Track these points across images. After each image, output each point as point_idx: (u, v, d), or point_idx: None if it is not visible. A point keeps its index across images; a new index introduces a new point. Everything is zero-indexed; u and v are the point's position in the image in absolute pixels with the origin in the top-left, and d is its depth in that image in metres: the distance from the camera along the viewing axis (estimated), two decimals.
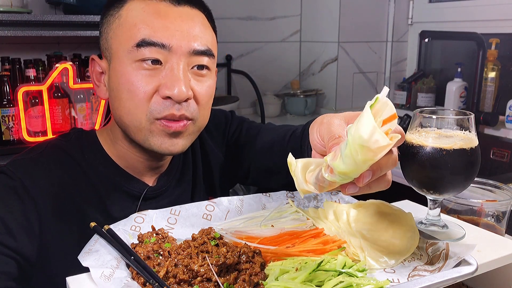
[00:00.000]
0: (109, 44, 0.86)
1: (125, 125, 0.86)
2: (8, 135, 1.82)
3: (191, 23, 0.85)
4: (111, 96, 0.88)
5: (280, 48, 2.83)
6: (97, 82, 0.91)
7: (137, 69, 0.82)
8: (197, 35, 0.84)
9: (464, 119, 0.73)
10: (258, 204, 0.86)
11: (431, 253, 0.69)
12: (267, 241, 0.73)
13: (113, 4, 0.87)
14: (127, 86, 0.82)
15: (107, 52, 0.87)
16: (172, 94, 0.80)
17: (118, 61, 0.84)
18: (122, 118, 0.85)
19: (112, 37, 0.85)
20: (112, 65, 0.86)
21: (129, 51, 0.82)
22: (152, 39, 0.81)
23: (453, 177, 0.72)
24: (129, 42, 0.82)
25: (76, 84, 1.90)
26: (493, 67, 2.19)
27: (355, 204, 0.83)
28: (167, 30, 0.82)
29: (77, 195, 0.86)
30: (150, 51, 0.81)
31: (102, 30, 0.89)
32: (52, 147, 0.90)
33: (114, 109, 0.88)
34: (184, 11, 0.85)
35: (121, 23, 0.84)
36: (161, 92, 0.81)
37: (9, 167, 0.85)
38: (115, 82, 0.85)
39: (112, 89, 0.87)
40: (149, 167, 0.94)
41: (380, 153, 0.52)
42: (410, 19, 2.74)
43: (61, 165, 0.87)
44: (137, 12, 0.83)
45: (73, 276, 0.64)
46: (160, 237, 0.72)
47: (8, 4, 1.80)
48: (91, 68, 0.91)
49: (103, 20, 0.89)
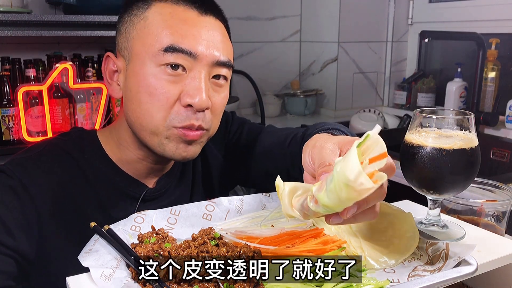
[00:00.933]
0: (130, 44, 0.85)
1: (140, 127, 0.85)
2: (8, 135, 1.82)
3: (215, 33, 0.85)
4: (127, 96, 0.86)
5: (280, 48, 2.83)
6: (109, 79, 0.90)
7: (161, 74, 0.81)
8: (220, 46, 0.85)
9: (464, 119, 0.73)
10: (258, 204, 0.86)
11: (431, 253, 0.69)
12: (267, 241, 0.73)
13: (136, 3, 0.86)
14: (148, 89, 0.82)
15: (126, 52, 0.86)
16: (194, 102, 0.80)
17: (140, 63, 0.83)
18: (139, 120, 0.84)
19: (135, 37, 0.84)
20: (131, 66, 0.85)
21: (154, 54, 0.81)
22: (181, 46, 0.81)
23: (453, 177, 0.72)
24: (154, 45, 0.81)
25: (76, 84, 1.90)
26: (493, 67, 2.19)
27: None
28: (194, 39, 0.82)
29: (76, 195, 0.86)
30: (177, 57, 0.81)
31: (123, 28, 0.87)
32: (52, 145, 0.90)
33: (129, 110, 0.86)
34: (209, 21, 0.86)
35: (147, 25, 0.83)
36: (183, 100, 0.81)
37: (8, 166, 0.84)
38: (134, 83, 0.84)
39: (129, 90, 0.85)
40: (152, 170, 0.94)
41: (365, 194, 0.51)
42: (410, 19, 2.74)
43: (60, 164, 0.87)
44: (165, 16, 0.83)
45: (73, 276, 0.64)
46: (160, 237, 0.72)
47: (8, 4, 1.80)
48: (105, 65, 0.90)
49: (124, 18, 0.87)
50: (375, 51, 2.77)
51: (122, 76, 0.87)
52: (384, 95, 2.85)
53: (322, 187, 0.54)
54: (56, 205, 0.83)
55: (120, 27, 0.88)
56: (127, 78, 0.86)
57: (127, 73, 0.86)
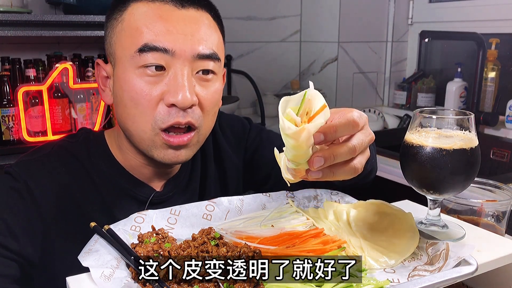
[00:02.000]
0: (113, 49, 0.84)
1: (129, 133, 0.84)
2: (8, 135, 1.82)
3: (195, 26, 0.81)
4: (115, 102, 0.86)
5: (280, 48, 2.83)
6: (102, 86, 0.89)
7: (140, 76, 0.80)
8: (202, 38, 0.81)
9: (464, 119, 0.73)
10: (258, 204, 0.86)
11: (431, 253, 0.69)
12: (267, 241, 0.73)
13: (117, 7, 0.85)
14: (130, 93, 0.80)
15: (111, 57, 0.86)
16: (176, 101, 0.78)
17: (122, 67, 0.82)
18: (127, 125, 0.84)
19: (116, 41, 0.83)
20: (115, 71, 0.84)
21: (132, 56, 0.80)
22: (155, 44, 0.78)
23: (453, 177, 0.72)
24: (131, 47, 0.80)
25: (76, 84, 1.90)
26: (493, 67, 2.19)
27: (355, 204, 0.83)
28: (169, 34, 0.79)
29: (82, 198, 0.85)
30: (153, 56, 0.78)
31: (107, 34, 0.87)
32: (59, 147, 0.89)
33: (118, 116, 0.86)
34: (188, 14, 0.82)
35: (123, 28, 0.82)
36: (166, 100, 0.79)
37: (14, 168, 0.84)
38: (119, 88, 0.83)
39: (116, 96, 0.85)
40: (157, 173, 0.93)
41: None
42: (410, 19, 2.74)
43: (66, 167, 0.86)
44: (139, 16, 0.81)
45: (73, 276, 0.64)
46: (160, 237, 0.72)
47: (8, 4, 1.80)
48: (97, 72, 0.90)
49: (107, 24, 0.87)
50: (375, 51, 2.77)
51: (111, 81, 0.87)
52: (384, 95, 2.85)
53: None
54: (60, 208, 0.82)
55: (105, 32, 0.88)
56: (114, 84, 0.85)
57: (114, 79, 0.85)
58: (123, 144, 0.90)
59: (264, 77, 2.75)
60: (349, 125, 0.64)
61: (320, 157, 0.61)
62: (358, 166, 0.65)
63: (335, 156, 0.62)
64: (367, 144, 0.67)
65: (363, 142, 0.65)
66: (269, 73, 2.80)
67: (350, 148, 0.63)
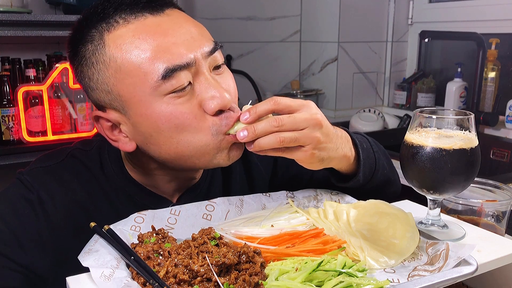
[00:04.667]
0: (115, 92, 0.75)
1: (185, 159, 0.78)
2: (8, 135, 1.82)
3: (186, 26, 0.77)
4: (151, 141, 0.77)
5: (280, 48, 2.83)
6: (112, 137, 0.81)
7: (173, 101, 0.74)
8: (198, 33, 0.77)
9: (464, 119, 0.73)
10: (258, 204, 0.86)
11: (431, 253, 0.69)
12: (267, 241, 0.73)
13: (85, 48, 0.76)
14: (171, 123, 0.74)
15: (115, 103, 0.77)
16: (220, 103, 0.75)
17: (143, 105, 0.74)
18: (180, 153, 0.77)
19: (115, 83, 0.74)
20: (132, 113, 0.76)
21: (154, 88, 0.72)
22: (175, 63, 0.72)
23: (453, 177, 0.72)
24: (147, 80, 0.72)
25: (76, 84, 1.90)
26: (493, 67, 2.19)
27: (355, 204, 0.83)
28: (179, 46, 0.73)
29: (94, 211, 0.83)
30: (178, 77, 0.73)
31: (92, 84, 0.77)
32: (72, 157, 0.86)
33: (162, 151, 0.78)
34: (170, 17, 0.77)
35: (119, 66, 0.73)
36: (209, 109, 0.75)
37: (27, 177, 0.82)
38: (151, 126, 0.75)
39: (148, 135, 0.77)
40: (178, 188, 0.90)
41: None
42: (410, 19, 2.74)
43: (78, 179, 0.84)
44: (132, 44, 0.73)
45: (73, 276, 0.64)
46: (160, 237, 0.72)
47: (8, 4, 1.80)
48: (99, 126, 0.81)
49: (85, 73, 0.77)
50: (375, 51, 2.77)
51: (125, 126, 0.79)
52: (384, 95, 2.85)
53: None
54: (72, 222, 0.80)
55: (89, 83, 0.78)
56: (137, 125, 0.77)
57: (132, 121, 0.77)
58: (147, 167, 0.85)
59: (264, 77, 2.75)
60: (267, 103, 0.72)
61: (244, 130, 0.71)
62: (285, 138, 0.71)
63: (256, 128, 0.71)
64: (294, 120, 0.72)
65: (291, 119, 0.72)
66: (269, 73, 2.80)
67: (269, 121, 0.71)
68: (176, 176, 0.88)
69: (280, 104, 0.72)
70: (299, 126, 0.72)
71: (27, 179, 0.82)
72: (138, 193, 0.87)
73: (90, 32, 0.76)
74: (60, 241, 0.79)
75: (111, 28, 0.75)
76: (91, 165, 0.86)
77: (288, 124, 0.71)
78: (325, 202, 0.86)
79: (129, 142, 0.80)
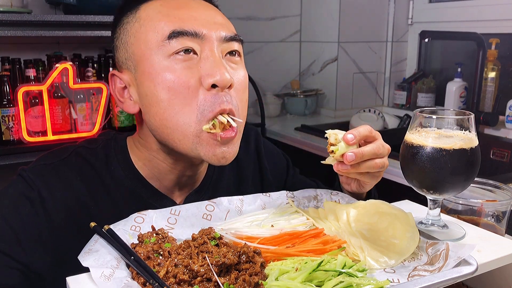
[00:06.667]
0: (131, 51, 0.82)
1: (168, 130, 0.80)
2: (8, 135, 1.82)
3: (213, 12, 0.84)
4: (145, 103, 0.81)
5: (280, 48, 2.83)
6: (120, 98, 0.86)
7: (173, 63, 0.78)
8: (222, 23, 0.83)
9: (464, 119, 0.73)
10: (258, 204, 0.86)
11: (431, 253, 0.69)
12: (267, 241, 0.73)
13: (124, 12, 0.85)
14: (166, 84, 0.77)
15: (129, 62, 0.83)
16: (217, 80, 0.76)
17: (148, 63, 0.79)
18: (165, 122, 0.79)
19: (134, 42, 0.81)
20: (140, 71, 0.81)
21: (160, 46, 0.78)
22: (184, 28, 0.78)
23: (453, 177, 0.72)
24: (156, 38, 0.79)
25: (76, 84, 1.90)
26: (493, 67, 2.19)
27: (355, 204, 0.83)
28: (195, 20, 0.80)
29: (96, 210, 0.83)
30: (183, 41, 0.78)
31: (118, 43, 0.85)
32: (76, 155, 0.86)
33: (151, 117, 0.81)
34: (202, 3, 0.85)
35: (142, 24, 0.81)
36: (205, 82, 0.77)
37: (29, 174, 0.82)
38: (149, 86, 0.79)
39: (145, 95, 0.80)
40: (181, 183, 0.90)
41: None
42: (410, 19, 2.74)
43: (81, 177, 0.84)
44: (157, 9, 0.81)
45: (73, 276, 0.64)
46: (160, 237, 0.72)
47: (8, 4, 1.80)
48: (112, 85, 0.87)
49: (117, 33, 0.86)
50: (375, 51, 2.77)
51: (133, 88, 0.84)
52: (384, 95, 2.85)
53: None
54: (73, 221, 0.80)
55: (116, 43, 0.86)
56: (140, 85, 0.81)
57: (137, 82, 0.82)
58: (151, 148, 0.86)
59: (264, 77, 2.75)
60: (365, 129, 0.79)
61: (352, 153, 0.75)
62: (379, 163, 0.79)
63: (363, 153, 0.76)
64: (384, 148, 0.80)
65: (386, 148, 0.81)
66: (269, 73, 2.80)
67: (373, 147, 0.78)
68: (173, 166, 0.87)
69: (372, 132, 0.80)
70: (385, 153, 0.81)
71: (29, 176, 0.81)
72: (142, 190, 0.87)
73: (132, 4, 0.86)
74: (60, 240, 0.79)
75: (148, 1, 0.84)
76: (95, 162, 0.86)
77: (385, 152, 0.81)
78: (325, 202, 0.86)
79: (134, 105, 0.84)
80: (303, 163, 1.31)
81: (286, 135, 2.37)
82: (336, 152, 0.76)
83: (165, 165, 0.87)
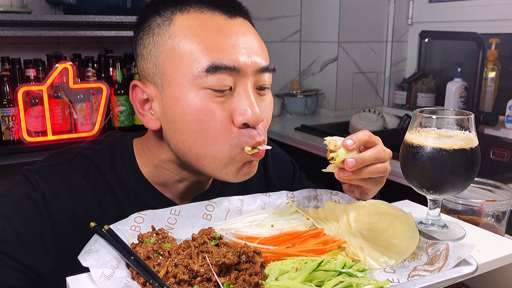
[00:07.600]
0: (161, 68, 0.78)
1: (197, 157, 0.79)
2: (8, 135, 1.82)
3: (249, 36, 0.79)
4: (172, 128, 0.79)
5: (280, 48, 2.83)
6: (140, 110, 0.83)
7: (207, 97, 0.75)
8: (258, 50, 0.79)
9: (464, 119, 0.73)
10: (258, 204, 0.86)
11: (431, 253, 0.69)
12: (267, 241, 0.73)
13: (154, 20, 0.79)
14: (198, 116, 0.76)
15: (156, 78, 0.79)
16: (249, 119, 0.76)
17: (179, 88, 0.76)
18: (195, 150, 0.78)
19: (165, 60, 0.77)
20: (167, 93, 0.78)
21: (195, 77, 0.75)
22: (223, 62, 0.74)
23: (453, 177, 0.72)
24: (193, 66, 0.75)
25: (76, 84, 1.91)
26: (493, 67, 2.19)
27: (355, 204, 0.83)
28: (234, 49, 0.76)
29: (99, 212, 0.82)
30: (220, 76, 0.75)
31: (145, 52, 0.80)
32: (82, 156, 0.86)
33: (179, 143, 0.79)
34: (240, 24, 0.80)
35: (176, 44, 0.76)
36: (237, 121, 0.76)
37: (34, 175, 0.81)
38: (179, 113, 0.77)
39: (173, 121, 0.78)
40: (189, 191, 0.90)
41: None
42: (410, 19, 2.74)
43: (86, 179, 0.83)
44: (195, 30, 0.76)
45: (73, 276, 0.64)
46: (160, 237, 0.72)
47: (8, 4, 1.80)
48: (133, 95, 0.83)
49: (145, 40, 0.80)
50: (375, 51, 2.77)
51: (157, 104, 0.80)
52: (384, 95, 2.85)
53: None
54: (76, 223, 0.80)
55: (142, 50, 0.81)
56: (166, 107, 0.79)
57: (164, 101, 0.79)
58: (164, 161, 0.85)
59: None
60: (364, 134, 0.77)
61: (352, 158, 0.74)
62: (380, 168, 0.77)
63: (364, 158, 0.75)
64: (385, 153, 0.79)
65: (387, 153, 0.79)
66: None
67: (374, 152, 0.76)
68: (183, 177, 0.87)
69: (371, 137, 0.78)
70: (387, 158, 0.80)
71: (34, 177, 0.81)
72: (147, 194, 0.87)
73: (164, 7, 0.80)
74: (63, 241, 0.79)
75: (184, 10, 0.78)
76: (101, 164, 0.85)
77: (387, 156, 0.79)
78: (325, 202, 0.86)
79: (155, 121, 0.81)
80: (303, 163, 1.31)
81: (286, 135, 2.37)
82: (336, 158, 0.74)
83: (173, 175, 0.87)
